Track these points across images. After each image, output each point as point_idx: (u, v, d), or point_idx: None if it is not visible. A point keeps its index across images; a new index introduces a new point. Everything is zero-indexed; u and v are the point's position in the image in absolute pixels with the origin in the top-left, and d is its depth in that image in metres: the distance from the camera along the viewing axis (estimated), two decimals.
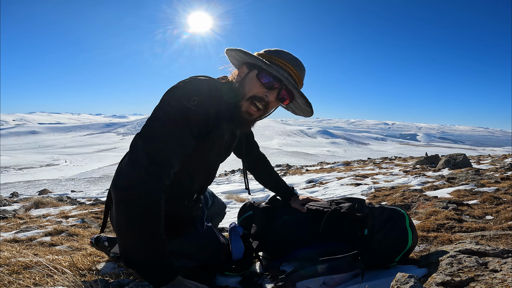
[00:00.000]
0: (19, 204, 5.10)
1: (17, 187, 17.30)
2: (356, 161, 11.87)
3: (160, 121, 1.04)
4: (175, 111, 1.05)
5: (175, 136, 1.04)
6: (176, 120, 1.05)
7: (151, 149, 1.01)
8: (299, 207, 1.59)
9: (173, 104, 1.06)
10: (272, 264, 1.53)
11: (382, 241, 1.33)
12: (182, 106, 1.05)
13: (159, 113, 1.06)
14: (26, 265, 1.55)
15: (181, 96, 1.07)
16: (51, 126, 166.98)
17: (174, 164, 1.05)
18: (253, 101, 1.19)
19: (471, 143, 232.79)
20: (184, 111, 1.05)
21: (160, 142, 1.02)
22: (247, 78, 1.21)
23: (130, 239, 0.99)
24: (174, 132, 1.04)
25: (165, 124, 1.04)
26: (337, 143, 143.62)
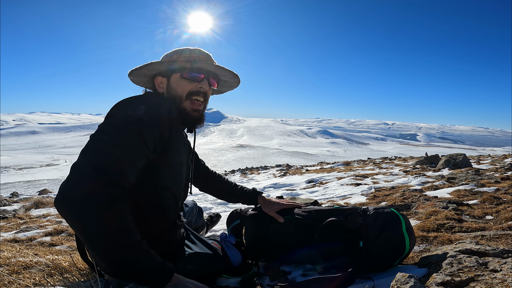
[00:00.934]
0: (19, 204, 5.10)
1: (17, 187, 17.30)
2: (356, 161, 11.87)
3: (106, 133, 0.95)
4: (122, 121, 0.97)
5: (126, 146, 0.94)
6: (124, 129, 0.96)
7: (98, 160, 0.89)
8: (274, 215, 1.50)
9: (119, 115, 0.99)
10: (272, 264, 1.53)
11: (379, 250, 1.31)
12: (129, 116, 0.98)
13: (104, 127, 0.98)
14: (26, 265, 1.55)
15: (126, 108, 1.02)
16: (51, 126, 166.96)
17: (129, 175, 0.93)
18: (191, 98, 1.24)
19: (471, 143, 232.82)
20: (131, 121, 0.98)
21: (109, 153, 0.91)
22: (172, 84, 1.24)
23: (106, 258, 0.89)
24: (124, 142, 0.94)
25: (112, 135, 0.94)
26: (337, 143, 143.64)
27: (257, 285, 1.41)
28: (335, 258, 1.33)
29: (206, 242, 1.45)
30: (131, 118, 0.98)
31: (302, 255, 1.42)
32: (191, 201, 2.05)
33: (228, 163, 44.42)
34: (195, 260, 1.31)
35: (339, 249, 1.35)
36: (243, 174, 11.91)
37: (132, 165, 0.95)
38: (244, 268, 1.43)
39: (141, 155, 0.99)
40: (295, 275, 1.42)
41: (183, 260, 1.27)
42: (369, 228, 1.34)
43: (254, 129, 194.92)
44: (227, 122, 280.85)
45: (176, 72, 1.23)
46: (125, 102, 1.05)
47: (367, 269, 1.30)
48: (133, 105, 1.02)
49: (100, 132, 0.96)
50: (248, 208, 1.69)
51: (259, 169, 13.96)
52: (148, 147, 1.00)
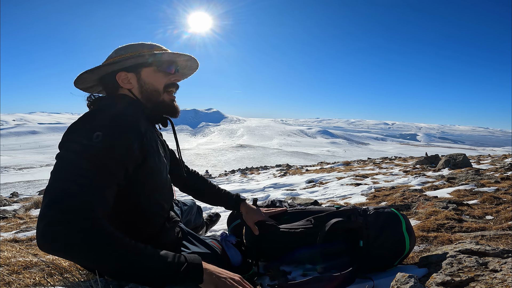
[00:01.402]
0: (19, 204, 5.10)
1: (17, 187, 17.31)
2: (356, 161, 11.87)
3: (64, 171, 0.84)
4: (79, 156, 0.85)
5: (89, 185, 0.83)
6: (83, 166, 0.84)
7: (62, 201, 0.80)
8: (252, 226, 1.47)
9: (75, 148, 0.87)
10: (272, 264, 1.53)
11: (379, 250, 1.32)
12: (85, 147, 0.86)
13: (60, 164, 0.86)
14: (26, 265, 1.55)
15: (80, 135, 0.88)
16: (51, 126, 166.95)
17: (100, 205, 0.85)
18: (168, 90, 1.22)
19: (471, 143, 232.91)
20: (91, 153, 0.86)
21: (71, 192, 0.82)
22: (145, 78, 1.18)
23: (119, 276, 0.87)
24: (86, 180, 0.83)
25: (71, 172, 0.84)
26: (337, 143, 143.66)
27: (257, 285, 1.41)
28: (335, 258, 1.33)
29: (204, 242, 1.44)
30: (89, 149, 0.85)
31: (302, 255, 1.42)
32: (190, 199, 2.04)
33: (228, 163, 44.43)
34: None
35: (339, 249, 1.35)
36: (243, 174, 11.91)
37: (103, 197, 0.86)
38: (244, 268, 1.43)
39: (111, 185, 0.89)
40: (295, 275, 1.42)
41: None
42: (370, 227, 1.34)
43: (254, 129, 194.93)
44: (227, 122, 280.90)
45: (148, 66, 1.18)
46: (77, 126, 0.92)
47: (367, 269, 1.31)
48: (87, 129, 0.89)
49: (59, 170, 0.85)
50: None
51: (259, 169, 13.96)
52: (117, 175, 0.90)
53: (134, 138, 0.95)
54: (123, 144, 0.91)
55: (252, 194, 5.44)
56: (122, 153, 0.91)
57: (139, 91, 1.18)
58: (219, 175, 13.76)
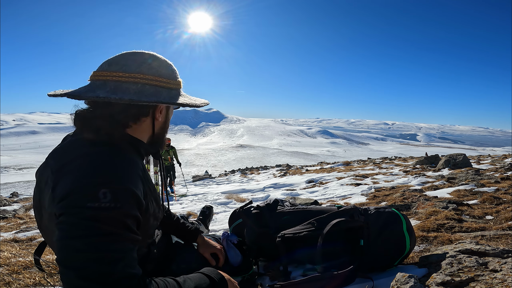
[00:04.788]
0: (19, 204, 5.09)
1: (17, 187, 17.31)
2: (356, 161, 11.87)
3: (81, 241, 0.73)
4: (92, 221, 0.73)
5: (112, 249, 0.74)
6: (98, 230, 0.73)
7: (92, 272, 0.71)
8: (208, 257, 1.37)
9: (85, 214, 0.74)
10: (271, 264, 1.53)
11: (379, 249, 1.32)
12: (95, 210, 0.73)
13: (73, 231, 0.73)
14: (26, 265, 1.55)
15: (85, 199, 0.74)
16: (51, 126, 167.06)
17: (132, 265, 0.77)
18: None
19: (471, 143, 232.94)
20: (103, 218, 0.74)
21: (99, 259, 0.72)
22: (169, 115, 1.04)
23: None
24: (106, 246, 0.73)
25: (91, 240, 0.73)
26: (337, 143, 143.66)
27: (257, 285, 1.41)
28: (335, 258, 1.33)
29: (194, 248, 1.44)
30: (102, 212, 0.74)
31: (302, 255, 1.42)
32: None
33: (228, 163, 44.42)
34: (189, 259, 1.32)
35: (339, 248, 1.35)
36: (243, 174, 11.90)
37: (133, 257, 0.78)
38: (244, 268, 1.43)
39: (135, 241, 0.79)
40: (295, 274, 1.42)
41: (176, 260, 1.28)
42: (370, 227, 1.34)
43: (254, 129, 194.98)
44: (227, 122, 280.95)
45: (175, 101, 0.94)
46: (80, 188, 0.76)
47: (367, 268, 1.31)
48: (91, 187, 0.75)
49: (74, 238, 0.73)
50: (250, 207, 1.70)
51: (259, 169, 13.96)
52: (134, 229, 0.80)
53: (139, 186, 0.84)
54: (133, 196, 0.80)
55: (252, 194, 5.44)
56: (134, 206, 0.81)
57: (160, 127, 1.01)
58: (219, 175, 13.77)
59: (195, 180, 12.49)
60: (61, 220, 0.75)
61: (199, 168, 37.70)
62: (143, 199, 0.85)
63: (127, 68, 0.88)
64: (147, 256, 1.08)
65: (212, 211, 2.55)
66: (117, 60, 0.90)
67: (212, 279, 0.94)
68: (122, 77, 0.87)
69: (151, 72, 0.90)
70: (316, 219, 1.44)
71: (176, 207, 4.56)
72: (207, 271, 0.96)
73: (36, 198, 0.91)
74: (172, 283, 0.84)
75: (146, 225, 0.94)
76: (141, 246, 1.01)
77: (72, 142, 0.89)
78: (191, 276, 0.91)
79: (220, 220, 2.98)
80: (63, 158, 0.84)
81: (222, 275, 0.98)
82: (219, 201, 4.62)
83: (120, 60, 0.90)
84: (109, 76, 0.88)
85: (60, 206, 0.76)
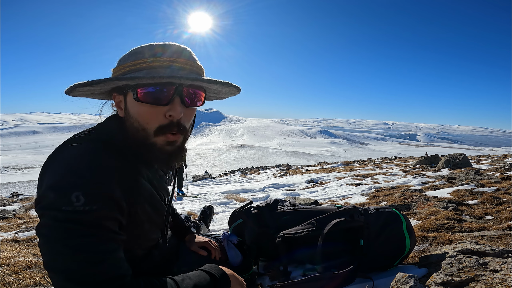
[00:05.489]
0: (19, 204, 5.10)
1: (17, 187, 17.31)
2: (356, 161, 11.88)
3: (59, 242, 0.70)
4: (66, 223, 0.71)
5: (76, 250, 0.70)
6: (72, 231, 0.71)
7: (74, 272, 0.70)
8: (195, 249, 1.36)
9: (57, 216, 0.71)
10: (271, 264, 1.53)
11: (379, 249, 1.32)
12: (68, 213, 0.70)
13: (48, 233, 0.71)
14: (26, 265, 1.55)
15: (57, 201, 0.71)
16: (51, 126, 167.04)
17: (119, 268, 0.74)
18: (164, 133, 0.84)
19: (471, 143, 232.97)
20: (76, 219, 0.71)
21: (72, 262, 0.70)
22: (129, 108, 0.85)
23: None
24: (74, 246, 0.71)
25: (64, 242, 0.70)
26: (337, 143, 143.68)
27: (257, 285, 1.41)
28: (335, 258, 1.33)
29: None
30: (76, 216, 0.71)
31: (302, 255, 1.42)
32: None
33: (228, 163, 44.43)
34: (189, 260, 1.31)
35: (339, 248, 1.35)
36: (243, 174, 11.90)
37: (117, 258, 0.75)
38: (244, 268, 1.43)
39: (117, 240, 0.76)
40: (295, 274, 1.42)
41: (178, 263, 1.27)
42: (371, 227, 1.34)
43: (254, 129, 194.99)
44: (227, 122, 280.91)
45: (129, 91, 0.83)
46: (54, 189, 0.73)
47: (367, 268, 1.31)
48: (64, 191, 0.72)
49: (53, 241, 0.71)
50: (250, 207, 1.70)
51: (259, 169, 13.96)
52: (115, 230, 0.77)
53: (116, 190, 0.78)
54: (109, 199, 0.76)
55: (252, 194, 5.44)
56: (112, 208, 0.76)
57: (127, 124, 0.87)
58: (219, 175, 13.76)
59: (195, 180, 12.50)
60: (40, 223, 0.74)
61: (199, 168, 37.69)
62: (125, 203, 0.80)
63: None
64: (145, 258, 1.04)
65: (213, 211, 2.56)
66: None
67: (213, 275, 0.91)
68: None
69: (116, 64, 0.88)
70: (316, 219, 1.44)
71: (176, 207, 4.56)
72: (207, 268, 0.94)
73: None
74: (169, 282, 0.82)
75: (138, 230, 0.91)
76: (138, 248, 0.98)
77: (75, 135, 0.88)
78: (191, 274, 0.89)
79: (220, 220, 2.99)
80: (54, 152, 0.82)
81: (223, 270, 0.95)
82: (219, 201, 4.63)
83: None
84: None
85: (38, 208, 0.75)
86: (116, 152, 0.83)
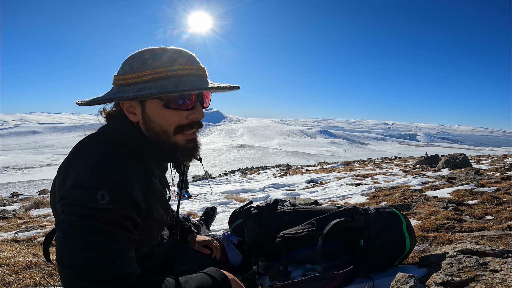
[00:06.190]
0: (19, 204, 5.10)
1: (17, 187, 17.31)
2: (356, 161, 11.88)
3: (79, 240, 0.74)
4: (90, 219, 0.74)
5: (107, 247, 0.75)
6: (97, 228, 0.75)
7: (88, 271, 0.72)
8: (198, 248, 1.39)
9: (82, 212, 0.75)
10: (271, 264, 1.53)
11: (379, 249, 1.32)
12: (91, 210, 0.74)
13: (71, 231, 0.74)
14: (26, 265, 1.55)
15: (84, 198, 0.75)
16: (51, 126, 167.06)
17: (129, 266, 0.77)
18: (183, 131, 0.94)
19: (471, 143, 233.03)
20: (99, 217, 0.75)
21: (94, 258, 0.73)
22: (150, 114, 0.92)
23: None
24: (102, 243, 0.74)
25: (88, 238, 0.74)
26: (337, 143, 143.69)
27: (257, 285, 1.41)
28: (335, 258, 1.33)
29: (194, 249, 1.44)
30: (100, 213, 0.75)
31: (303, 255, 1.42)
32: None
33: (228, 163, 44.43)
34: (189, 260, 1.31)
35: (339, 248, 1.35)
36: (243, 174, 11.90)
37: (129, 257, 0.79)
38: (244, 268, 1.43)
39: (132, 241, 0.80)
40: (295, 274, 1.42)
41: (178, 262, 1.27)
42: (371, 227, 1.34)
43: (254, 129, 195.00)
44: (227, 122, 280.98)
45: (154, 98, 0.89)
46: (77, 183, 0.78)
47: (367, 268, 1.31)
48: (89, 188, 0.76)
49: (72, 237, 0.74)
50: (250, 207, 1.70)
51: (259, 169, 13.96)
52: (132, 231, 0.81)
53: (137, 190, 0.83)
54: (130, 199, 0.80)
55: (252, 194, 5.44)
56: (131, 208, 0.81)
57: (145, 128, 0.95)
58: (219, 175, 13.77)
59: (195, 180, 12.50)
60: (61, 219, 0.77)
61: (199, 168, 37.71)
62: (143, 203, 0.85)
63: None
64: (149, 256, 1.08)
65: (216, 212, 2.55)
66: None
67: (215, 279, 0.92)
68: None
69: (119, 72, 0.93)
70: (316, 219, 1.44)
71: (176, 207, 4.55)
72: (210, 271, 0.95)
73: (53, 189, 0.92)
74: (173, 283, 0.84)
75: (148, 228, 0.94)
76: (142, 246, 1.01)
77: (91, 136, 0.93)
78: (193, 276, 0.91)
79: (220, 220, 2.98)
80: (76, 151, 0.88)
81: (225, 274, 0.96)
82: (219, 201, 4.63)
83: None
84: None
85: (61, 204, 0.79)
86: (135, 154, 0.90)
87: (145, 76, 0.88)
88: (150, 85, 0.87)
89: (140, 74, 0.88)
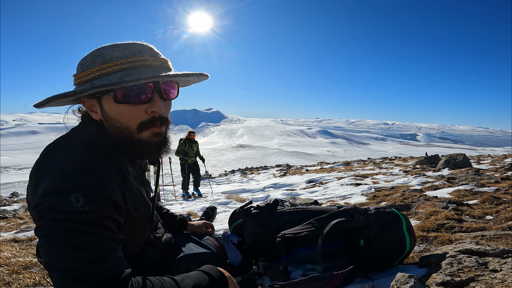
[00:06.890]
0: (19, 204, 5.10)
1: (17, 187, 17.31)
2: (356, 161, 11.88)
3: (60, 242, 0.72)
4: (69, 223, 0.72)
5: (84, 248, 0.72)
6: (77, 230, 0.73)
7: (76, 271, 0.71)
8: (200, 230, 1.49)
9: (57, 216, 0.72)
10: (271, 264, 1.53)
11: (379, 249, 1.32)
12: (68, 214, 0.72)
13: (51, 234, 0.72)
14: (26, 265, 1.55)
15: (58, 202, 0.73)
16: (51, 126, 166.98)
17: (120, 267, 0.76)
18: (146, 128, 0.89)
19: (471, 143, 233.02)
20: (78, 219, 0.73)
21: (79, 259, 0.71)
22: (107, 111, 0.89)
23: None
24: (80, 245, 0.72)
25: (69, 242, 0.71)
26: (337, 143, 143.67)
27: (257, 285, 1.41)
28: (335, 258, 1.33)
29: (198, 241, 1.44)
30: (76, 216, 0.72)
31: (302, 255, 1.42)
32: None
33: (228, 163, 44.42)
34: (188, 259, 1.31)
35: (339, 248, 1.35)
36: (243, 174, 11.91)
37: (117, 256, 0.77)
38: (244, 268, 1.43)
39: (116, 239, 0.78)
40: (295, 274, 1.42)
41: (175, 261, 1.27)
42: (371, 227, 1.34)
43: (254, 129, 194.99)
44: (227, 122, 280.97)
45: (105, 94, 0.86)
46: (53, 192, 0.75)
47: (367, 268, 1.31)
48: (62, 193, 0.74)
49: (54, 241, 0.72)
50: (250, 207, 1.70)
51: (259, 169, 13.96)
52: (113, 229, 0.79)
53: (114, 190, 0.81)
54: (107, 199, 0.78)
55: (252, 194, 5.44)
56: (110, 208, 0.79)
57: (107, 126, 0.91)
58: (219, 175, 13.77)
59: None
60: (40, 225, 0.75)
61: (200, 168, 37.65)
62: (122, 203, 0.83)
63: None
64: (139, 256, 1.07)
65: (216, 212, 2.55)
66: None
67: (212, 276, 0.92)
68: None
69: (76, 71, 0.90)
70: (316, 219, 1.44)
71: (176, 207, 4.56)
72: (206, 269, 0.94)
73: (28, 198, 0.90)
74: (169, 281, 0.83)
75: (133, 228, 0.95)
76: (130, 246, 1.01)
77: (58, 140, 0.92)
78: (190, 275, 0.90)
79: (220, 220, 2.99)
80: (43, 157, 0.86)
81: (222, 272, 0.96)
82: (219, 201, 4.63)
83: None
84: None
85: (37, 211, 0.76)
86: (104, 153, 0.87)
87: (93, 73, 0.86)
88: (98, 81, 0.85)
89: (89, 72, 0.86)
